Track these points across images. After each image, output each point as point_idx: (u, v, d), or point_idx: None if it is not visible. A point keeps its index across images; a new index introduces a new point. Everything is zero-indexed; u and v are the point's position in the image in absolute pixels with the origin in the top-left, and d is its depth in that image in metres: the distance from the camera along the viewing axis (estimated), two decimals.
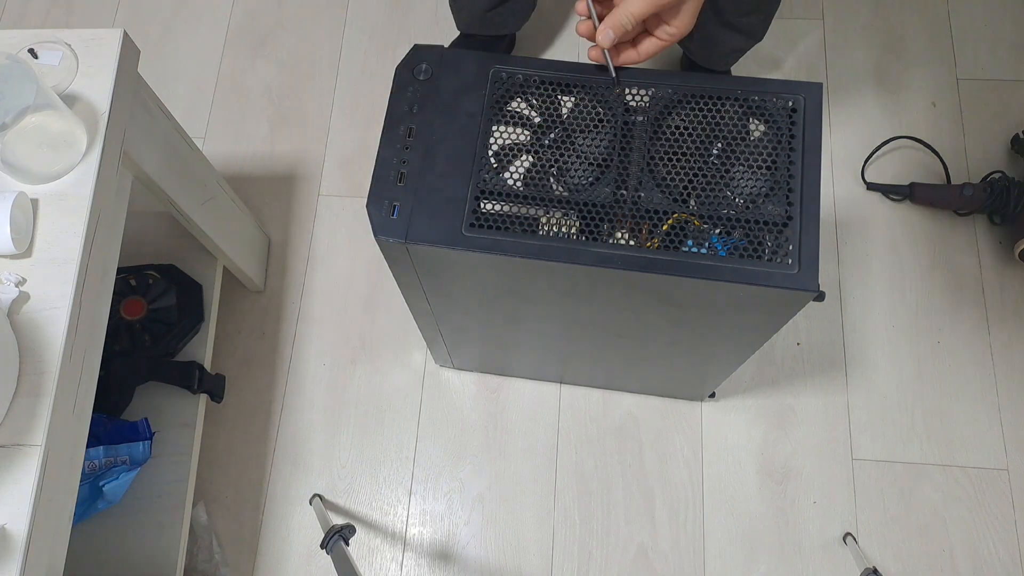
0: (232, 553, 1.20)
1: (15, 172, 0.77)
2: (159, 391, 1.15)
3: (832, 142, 1.40)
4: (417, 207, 0.71)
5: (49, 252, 0.75)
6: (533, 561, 1.18)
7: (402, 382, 1.29)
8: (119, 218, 0.89)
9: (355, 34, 1.53)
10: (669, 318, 0.81)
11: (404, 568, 1.19)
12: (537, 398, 1.26)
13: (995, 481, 1.19)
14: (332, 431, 1.26)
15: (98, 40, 0.83)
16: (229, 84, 1.50)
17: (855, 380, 1.26)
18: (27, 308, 0.73)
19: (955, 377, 1.25)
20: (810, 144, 0.69)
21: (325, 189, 1.42)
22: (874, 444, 1.22)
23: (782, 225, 0.67)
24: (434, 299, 0.88)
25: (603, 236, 0.69)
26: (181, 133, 1.02)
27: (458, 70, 0.74)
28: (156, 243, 1.23)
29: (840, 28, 1.48)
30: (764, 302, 0.71)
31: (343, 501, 1.23)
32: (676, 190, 0.69)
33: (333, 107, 1.48)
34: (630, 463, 1.22)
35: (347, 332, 1.32)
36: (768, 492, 1.20)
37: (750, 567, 1.17)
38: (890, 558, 1.16)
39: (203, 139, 1.46)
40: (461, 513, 1.22)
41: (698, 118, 0.70)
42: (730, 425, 1.24)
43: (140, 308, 1.17)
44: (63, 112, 0.76)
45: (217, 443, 1.26)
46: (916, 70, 1.44)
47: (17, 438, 0.69)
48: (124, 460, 1.06)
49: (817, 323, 1.29)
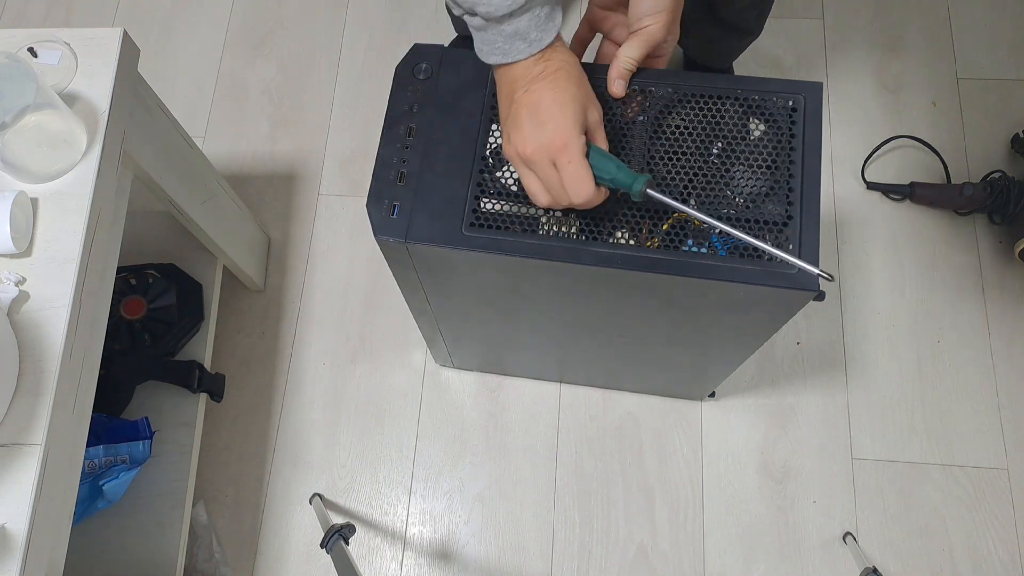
0: (232, 552, 1.20)
1: (15, 171, 0.77)
2: (159, 390, 1.15)
3: (832, 142, 1.40)
4: (417, 207, 0.71)
5: (49, 251, 0.75)
6: (533, 560, 1.18)
7: (402, 382, 1.29)
8: (119, 217, 0.89)
9: (355, 34, 1.53)
10: (669, 318, 0.81)
11: (404, 567, 1.19)
12: (537, 398, 1.26)
13: (995, 481, 1.19)
14: (332, 431, 1.26)
15: (98, 39, 0.83)
16: (229, 83, 1.50)
17: (855, 380, 1.26)
18: (27, 307, 0.73)
19: (955, 377, 1.25)
20: (810, 144, 0.69)
21: (325, 188, 1.42)
22: (874, 444, 1.22)
23: (782, 225, 0.67)
24: (434, 299, 0.88)
25: (603, 235, 0.69)
26: (181, 132, 1.02)
27: (458, 70, 0.74)
28: (156, 242, 1.23)
29: (840, 28, 1.48)
30: (764, 302, 0.71)
31: (343, 500, 1.23)
32: (676, 189, 0.69)
33: (333, 107, 1.48)
34: (630, 463, 1.22)
35: (347, 332, 1.32)
36: (768, 492, 1.20)
37: (750, 566, 1.17)
38: (890, 558, 1.16)
39: (203, 138, 1.46)
40: (461, 512, 1.22)
41: (698, 117, 0.70)
42: (730, 425, 1.24)
43: (140, 307, 1.17)
44: (63, 111, 0.76)
45: (217, 442, 1.26)
46: (916, 70, 1.44)
47: (17, 437, 0.69)
48: (124, 459, 1.05)
49: (817, 323, 1.29)
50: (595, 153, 0.65)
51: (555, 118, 0.63)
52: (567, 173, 0.63)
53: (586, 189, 0.63)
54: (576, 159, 0.63)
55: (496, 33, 0.63)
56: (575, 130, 0.63)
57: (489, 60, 0.65)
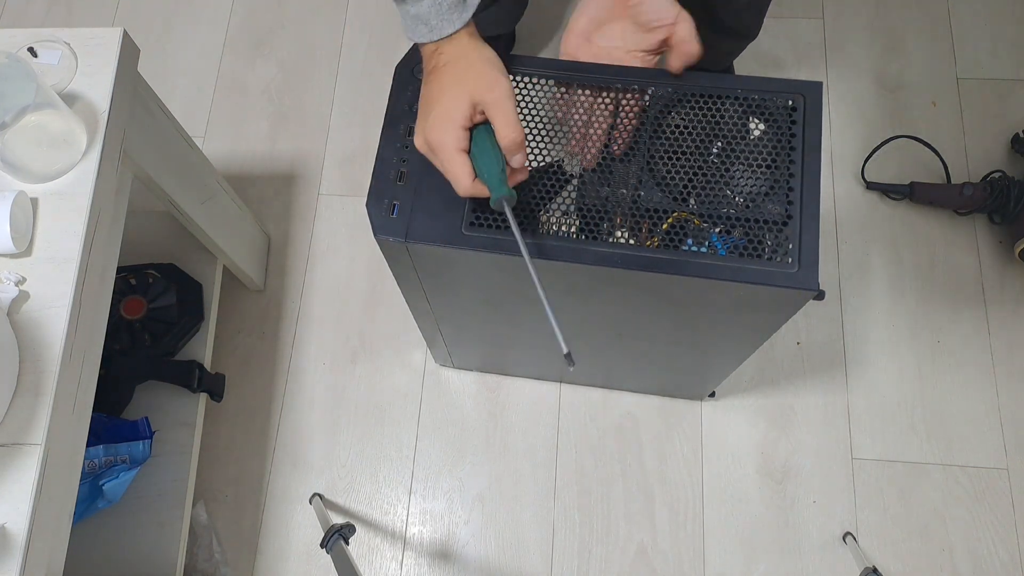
0: (232, 552, 1.20)
1: (15, 171, 0.77)
2: (159, 390, 1.15)
3: (832, 141, 1.40)
4: (417, 206, 0.71)
5: (49, 251, 0.75)
6: (533, 560, 1.18)
7: (402, 381, 1.29)
8: (119, 217, 0.89)
9: (355, 34, 1.53)
10: (669, 317, 0.81)
11: (404, 567, 1.19)
12: (537, 397, 1.26)
13: (995, 481, 1.19)
14: (332, 430, 1.26)
15: (98, 39, 0.83)
16: (229, 83, 1.50)
17: (855, 380, 1.26)
18: (27, 307, 0.73)
19: (955, 377, 1.25)
20: (810, 143, 0.69)
21: (325, 188, 1.42)
22: (874, 444, 1.22)
23: (782, 224, 0.67)
24: (434, 299, 0.88)
25: (603, 235, 0.69)
26: (181, 132, 1.02)
27: None
28: (156, 242, 1.23)
29: (840, 27, 1.48)
30: (764, 301, 0.71)
31: (343, 500, 1.23)
32: (676, 189, 0.69)
33: (333, 106, 1.48)
34: (630, 462, 1.22)
35: (347, 332, 1.32)
36: (768, 492, 1.20)
37: (750, 566, 1.17)
38: (890, 557, 1.16)
39: (203, 138, 1.46)
40: (461, 512, 1.22)
41: (698, 117, 0.70)
42: (730, 424, 1.24)
43: (140, 307, 1.17)
44: (63, 111, 0.76)
45: (217, 442, 1.26)
46: (916, 69, 1.44)
47: (17, 437, 0.69)
48: (124, 459, 1.05)
49: (817, 323, 1.29)
50: (477, 146, 0.65)
51: (434, 110, 0.65)
52: (444, 168, 0.66)
53: (462, 184, 0.65)
54: (448, 155, 0.64)
55: (404, 12, 0.65)
56: (447, 126, 0.64)
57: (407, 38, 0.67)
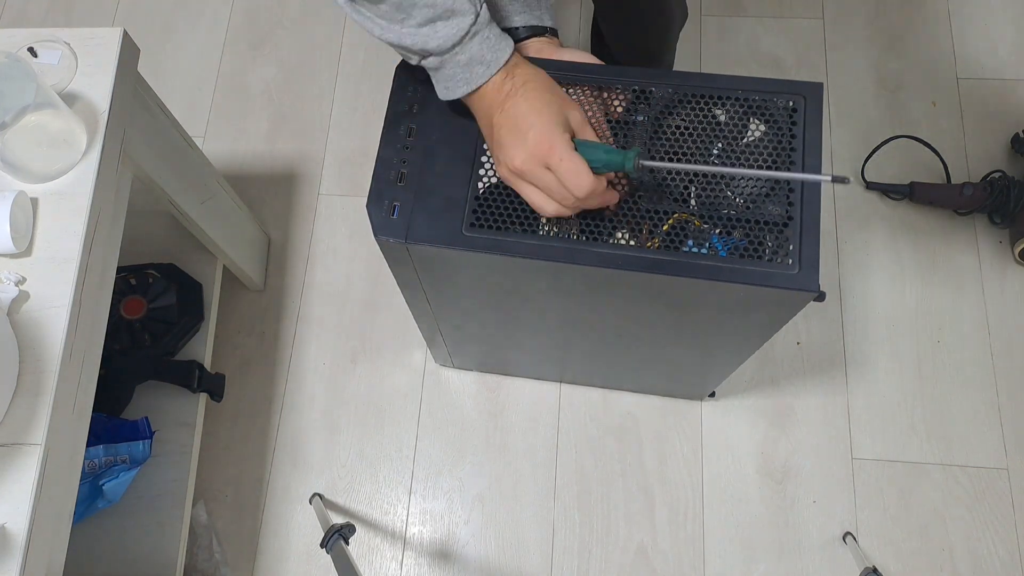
0: (232, 552, 1.20)
1: (15, 171, 0.77)
2: (159, 390, 1.15)
3: (832, 141, 1.40)
4: (417, 207, 0.71)
5: (49, 251, 0.75)
6: (533, 560, 1.18)
7: (402, 381, 1.29)
8: (119, 217, 0.89)
9: (355, 34, 1.53)
10: (669, 318, 0.81)
11: (404, 567, 1.19)
12: (537, 397, 1.26)
13: (995, 481, 1.19)
14: (332, 430, 1.26)
15: (98, 39, 0.83)
16: (229, 83, 1.50)
17: (855, 380, 1.26)
18: (27, 307, 0.73)
19: (955, 377, 1.25)
20: (810, 144, 0.69)
21: (325, 188, 1.42)
22: (874, 443, 1.22)
23: (782, 225, 0.67)
24: (434, 299, 0.88)
25: (603, 236, 0.69)
26: (181, 132, 1.02)
27: None
28: (156, 242, 1.23)
29: (840, 28, 1.48)
30: (764, 302, 0.71)
31: (343, 500, 1.23)
32: (676, 190, 0.69)
33: (333, 106, 1.48)
34: (630, 462, 1.22)
35: (347, 332, 1.32)
36: (768, 492, 1.20)
37: (750, 566, 1.17)
38: (890, 557, 1.16)
39: (203, 138, 1.46)
40: (461, 512, 1.22)
41: (698, 117, 0.70)
42: (730, 425, 1.24)
43: (140, 307, 1.17)
44: (63, 111, 0.76)
45: (217, 442, 1.26)
46: (916, 70, 1.44)
47: (17, 437, 0.69)
48: (124, 459, 1.06)
49: (817, 323, 1.29)
50: (581, 145, 0.65)
51: (534, 124, 0.63)
52: (562, 170, 0.63)
53: (585, 179, 0.63)
54: (566, 154, 0.63)
55: (454, 65, 0.64)
56: (557, 130, 0.63)
57: (459, 94, 0.66)
